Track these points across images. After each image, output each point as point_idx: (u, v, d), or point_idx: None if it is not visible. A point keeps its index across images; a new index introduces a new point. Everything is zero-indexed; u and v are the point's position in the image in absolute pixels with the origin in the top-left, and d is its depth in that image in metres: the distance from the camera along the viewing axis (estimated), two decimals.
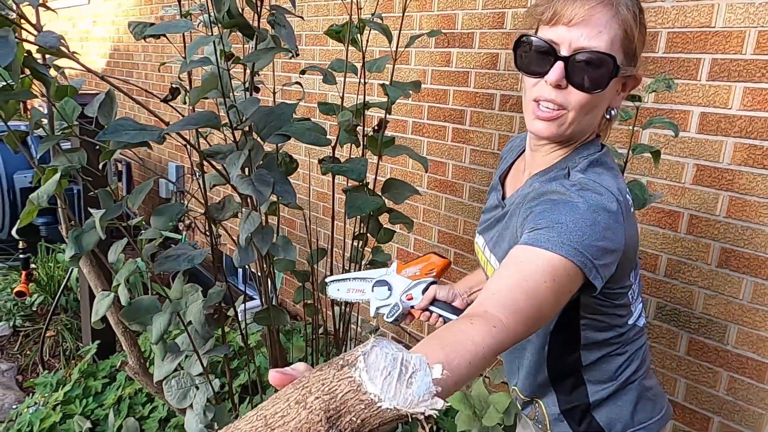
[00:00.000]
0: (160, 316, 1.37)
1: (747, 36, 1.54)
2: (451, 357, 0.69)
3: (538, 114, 0.93)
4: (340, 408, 0.48)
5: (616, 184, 0.92)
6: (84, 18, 6.32)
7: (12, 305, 3.40)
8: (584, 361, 1.03)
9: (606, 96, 0.92)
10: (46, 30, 1.17)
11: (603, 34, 0.87)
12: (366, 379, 0.48)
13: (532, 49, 0.92)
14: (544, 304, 0.81)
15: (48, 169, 1.25)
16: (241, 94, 1.57)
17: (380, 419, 0.48)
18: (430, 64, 2.42)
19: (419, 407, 0.48)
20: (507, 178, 1.15)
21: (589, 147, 0.98)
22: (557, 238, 0.83)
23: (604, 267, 0.86)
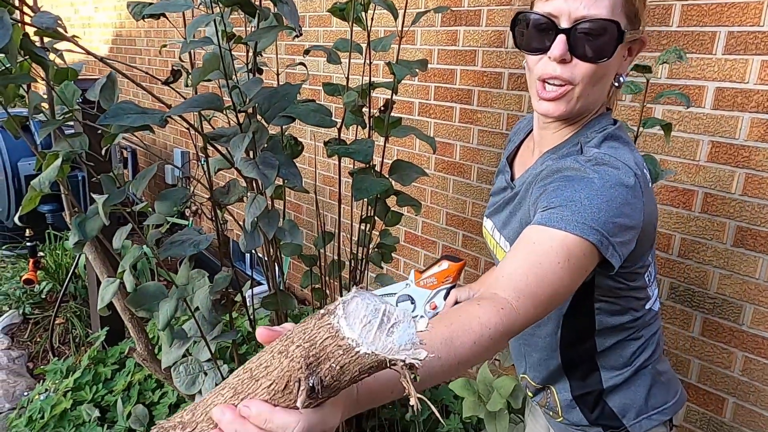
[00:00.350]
0: (167, 302, 1.35)
1: (765, 6, 1.49)
2: (455, 335, 0.69)
3: (543, 95, 0.90)
4: (319, 355, 0.48)
5: (633, 158, 0.88)
6: (86, 3, 6.27)
7: (21, 293, 3.41)
8: (599, 347, 1.01)
9: (613, 64, 0.89)
10: (42, 11, 1.14)
11: (602, 1, 0.84)
12: (344, 325, 0.48)
13: (530, 26, 0.88)
14: (558, 285, 0.79)
15: (49, 155, 1.23)
16: (244, 75, 1.54)
17: (359, 365, 0.48)
18: (437, 43, 2.37)
19: (399, 354, 0.48)
20: (515, 159, 1.12)
21: (601, 120, 0.95)
22: (571, 217, 0.81)
23: (622, 245, 0.83)
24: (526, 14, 0.89)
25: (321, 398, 0.51)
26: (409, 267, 2.70)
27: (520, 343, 1.13)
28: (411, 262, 2.68)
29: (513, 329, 0.75)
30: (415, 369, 0.48)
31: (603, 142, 0.91)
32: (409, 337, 0.49)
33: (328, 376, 0.48)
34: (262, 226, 1.36)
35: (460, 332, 0.70)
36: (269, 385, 0.51)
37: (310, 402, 0.51)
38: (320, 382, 0.48)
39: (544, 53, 0.88)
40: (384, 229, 1.83)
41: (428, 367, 0.67)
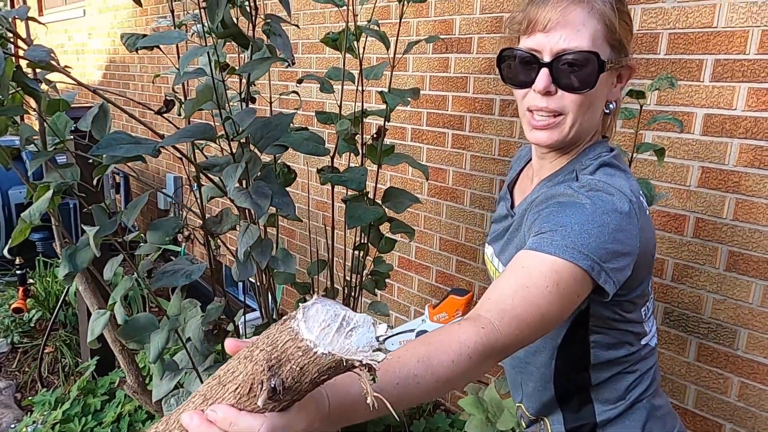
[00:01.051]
0: (158, 334, 1.33)
1: (750, 36, 1.52)
2: (433, 354, 0.70)
3: (534, 124, 0.91)
4: (281, 357, 0.50)
5: (628, 185, 0.89)
6: (80, 31, 6.31)
7: (10, 322, 3.36)
8: (593, 380, 1.00)
9: (600, 92, 0.90)
10: (36, 44, 1.15)
11: (582, 32, 0.86)
12: (303, 328, 0.50)
13: (515, 61, 0.91)
14: (546, 309, 0.78)
15: (40, 186, 1.22)
16: (237, 104, 1.54)
17: (317, 365, 0.50)
18: (429, 69, 2.40)
19: (357, 355, 0.50)
20: (516, 187, 1.13)
21: (596, 148, 0.96)
22: (561, 241, 0.81)
23: (616, 271, 0.83)
24: (510, 51, 0.91)
25: (284, 400, 0.52)
26: (403, 292, 2.69)
27: (516, 372, 1.12)
28: (405, 288, 2.67)
29: (494, 349, 0.74)
30: (373, 370, 0.51)
31: (598, 170, 0.91)
32: (368, 340, 0.51)
33: (289, 377, 0.50)
34: (255, 255, 1.36)
35: (439, 351, 0.70)
36: (235, 389, 0.53)
37: (274, 405, 0.52)
38: (282, 383, 0.50)
39: (530, 86, 0.90)
40: (378, 255, 1.82)
41: (404, 386, 0.68)
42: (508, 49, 0.92)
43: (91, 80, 5.96)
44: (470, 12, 2.20)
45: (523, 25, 0.90)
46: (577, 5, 0.86)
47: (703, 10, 1.60)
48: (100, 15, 5.63)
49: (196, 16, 1.39)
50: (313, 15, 2.95)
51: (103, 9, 5.52)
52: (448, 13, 2.28)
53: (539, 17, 0.87)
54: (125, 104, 4.42)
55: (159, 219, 1.39)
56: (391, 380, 0.67)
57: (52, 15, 7.21)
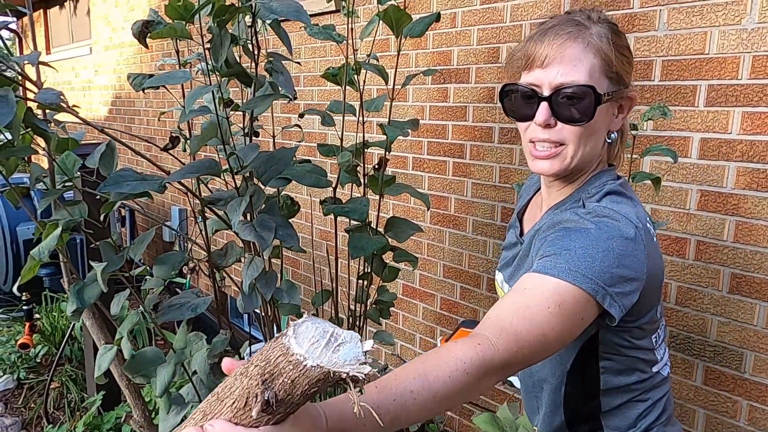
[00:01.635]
0: (164, 368, 1.34)
1: (742, 61, 1.55)
2: (430, 371, 0.71)
3: (536, 154, 0.95)
4: (273, 371, 0.54)
5: (634, 212, 0.90)
6: (86, 68, 6.45)
7: (16, 357, 3.36)
8: (604, 407, 1.00)
9: (600, 122, 0.93)
10: (46, 86, 1.18)
11: (578, 67, 0.89)
12: (294, 343, 0.54)
13: (516, 96, 0.95)
14: (546, 329, 0.79)
15: (49, 224, 1.25)
16: (241, 139, 1.58)
17: (307, 378, 0.53)
18: (428, 100, 2.44)
19: (344, 368, 0.54)
20: (525, 215, 1.15)
21: (602, 176, 0.98)
22: (564, 265, 0.82)
23: (622, 295, 0.84)
24: (512, 86, 0.96)
25: (278, 412, 0.55)
26: (408, 320, 2.69)
27: (530, 397, 1.12)
28: (410, 316, 2.67)
29: (491, 365, 0.75)
30: (360, 382, 0.54)
31: (604, 197, 0.94)
32: (355, 354, 0.55)
33: (281, 390, 0.54)
34: (259, 287, 1.37)
35: (435, 367, 0.72)
36: (232, 404, 0.56)
37: (269, 418, 0.55)
38: (275, 395, 0.53)
39: (531, 119, 0.93)
40: (381, 285, 1.83)
41: (401, 402, 0.69)
42: (509, 85, 0.96)
43: (97, 116, 6.07)
44: (468, 43, 2.25)
45: (522, 62, 0.94)
46: (572, 41, 0.90)
47: (695, 37, 1.64)
48: (106, 52, 5.76)
49: (200, 55, 1.43)
50: (314, 49, 3.02)
51: (109, 47, 5.65)
52: (446, 44, 2.34)
53: (537, 53, 0.91)
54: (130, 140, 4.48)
55: (165, 253, 1.41)
56: (388, 396, 0.69)
57: (59, 53, 7.38)
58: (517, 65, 0.96)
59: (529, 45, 0.93)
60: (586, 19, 0.93)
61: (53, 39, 7.78)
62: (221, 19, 1.16)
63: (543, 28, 0.94)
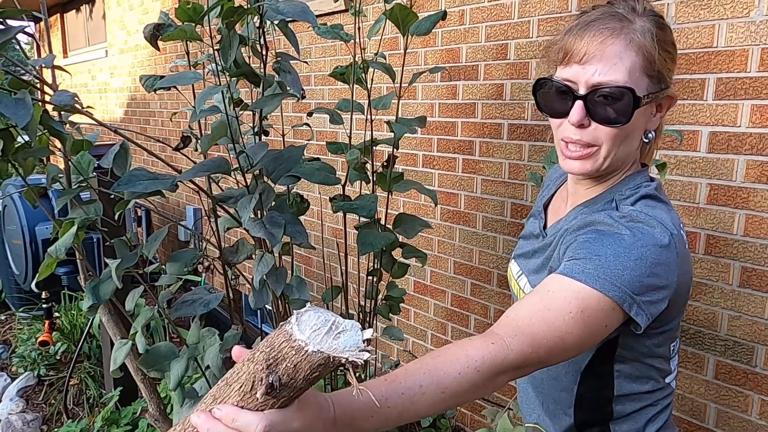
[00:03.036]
0: (178, 362, 1.37)
1: (750, 54, 1.55)
2: (440, 366, 0.72)
3: (567, 154, 0.91)
4: (277, 356, 0.57)
5: (669, 218, 0.87)
6: (102, 70, 6.54)
7: (36, 355, 3.43)
8: (616, 414, 0.98)
9: (637, 123, 0.89)
10: (62, 89, 1.22)
11: (618, 66, 0.84)
12: (296, 330, 0.57)
13: (551, 91, 0.90)
14: (565, 333, 0.78)
15: (65, 222, 1.29)
16: (251, 138, 1.60)
17: (309, 362, 0.57)
18: (437, 97, 2.45)
19: (344, 354, 0.57)
20: (549, 206, 1.11)
21: (636, 177, 0.94)
22: (593, 271, 0.80)
23: (650, 304, 0.82)
24: (546, 80, 0.91)
25: (282, 396, 0.59)
26: (419, 317, 2.70)
27: (536, 391, 1.09)
28: (421, 312, 2.69)
29: (503, 365, 0.74)
30: (359, 367, 0.58)
31: (639, 201, 0.90)
32: (355, 342, 0.58)
33: (285, 374, 0.57)
34: (270, 283, 1.40)
35: (446, 363, 0.72)
36: (239, 388, 0.60)
37: (273, 402, 0.59)
38: (279, 379, 0.57)
39: (565, 117, 0.89)
40: (391, 281, 1.85)
41: (410, 395, 0.70)
42: (544, 79, 0.91)
43: (113, 117, 6.16)
44: (476, 40, 2.26)
45: (560, 55, 0.89)
46: (615, 38, 0.85)
47: (703, 30, 1.63)
48: (121, 55, 5.84)
49: (210, 56, 1.46)
50: (324, 48, 3.05)
51: (124, 50, 5.73)
52: (454, 42, 2.35)
53: (576, 49, 0.86)
54: (145, 141, 4.55)
55: (178, 250, 1.44)
56: (397, 389, 0.70)
57: (76, 56, 7.50)
58: (554, 58, 0.91)
59: (569, 38, 0.88)
60: (630, 12, 0.87)
61: (70, 42, 7.91)
62: (230, 21, 1.19)
63: (584, 20, 0.88)
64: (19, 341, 3.66)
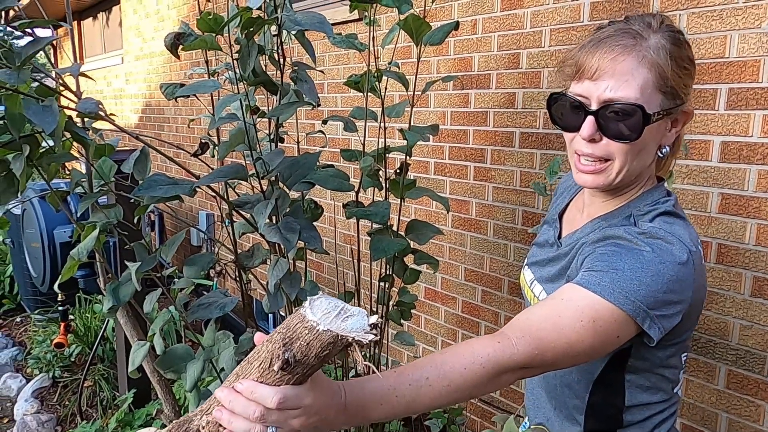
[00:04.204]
0: (194, 364, 1.40)
1: (762, 64, 1.56)
2: (447, 360, 0.76)
3: (580, 167, 0.92)
4: (292, 336, 0.65)
5: (687, 234, 0.88)
6: (118, 77, 6.64)
7: (52, 356, 3.48)
8: (625, 422, 0.98)
9: (650, 138, 0.89)
10: (85, 96, 1.26)
11: (630, 83, 0.85)
12: (309, 313, 0.65)
13: (564, 106, 0.92)
14: (575, 341, 0.80)
15: (87, 226, 1.32)
16: (267, 145, 1.64)
17: (319, 341, 0.64)
18: (449, 105, 2.48)
19: (351, 334, 0.64)
20: (564, 215, 1.11)
21: (653, 193, 0.95)
22: (609, 285, 0.81)
23: (664, 318, 0.83)
24: (559, 95, 0.93)
25: (296, 372, 0.66)
26: (430, 323, 2.72)
27: (548, 395, 1.09)
28: (432, 319, 2.70)
29: (508, 363, 0.77)
30: (364, 346, 0.65)
31: (657, 217, 0.90)
32: (361, 324, 0.65)
33: (299, 351, 0.64)
34: (284, 287, 1.42)
35: (453, 358, 0.76)
36: (259, 365, 0.68)
37: (289, 377, 0.66)
38: (293, 356, 0.64)
39: (577, 131, 0.90)
40: (402, 286, 1.87)
41: (416, 387, 0.74)
42: (557, 93, 0.93)
43: (128, 123, 6.24)
44: (488, 50, 2.28)
45: (573, 70, 0.90)
46: (627, 54, 0.85)
47: (715, 41, 1.65)
48: (136, 62, 5.93)
49: (228, 64, 1.49)
50: (338, 57, 3.09)
51: (140, 56, 5.82)
52: (466, 51, 2.37)
53: (588, 64, 0.87)
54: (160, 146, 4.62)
55: (194, 254, 1.47)
56: (405, 380, 0.74)
57: (92, 63, 7.62)
58: (567, 72, 0.92)
59: (582, 54, 0.89)
60: (646, 28, 0.88)
61: (87, 49, 8.03)
62: (249, 31, 1.22)
63: (598, 36, 0.89)
64: (34, 343, 3.72)
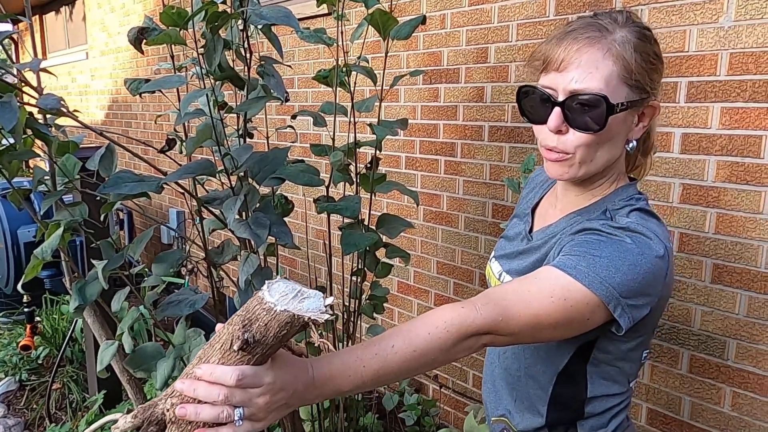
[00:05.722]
0: (164, 362, 1.39)
1: (720, 58, 1.60)
2: (412, 328, 0.79)
3: (547, 156, 0.94)
4: (251, 318, 0.68)
5: (662, 231, 0.91)
6: (83, 72, 6.48)
7: (18, 359, 3.40)
8: (586, 414, 1.01)
9: (617, 131, 0.91)
10: (46, 92, 1.23)
11: (594, 75, 0.87)
12: (267, 295, 0.68)
13: (532, 98, 0.94)
14: (542, 314, 0.82)
15: (51, 224, 1.30)
16: (236, 140, 1.62)
17: (277, 321, 0.67)
18: (419, 100, 2.49)
19: (307, 314, 0.68)
20: (536, 210, 1.12)
21: (628, 189, 0.97)
22: (585, 269, 0.83)
23: (635, 308, 0.85)
24: (528, 87, 0.95)
25: (255, 352, 0.68)
26: (403, 317, 2.74)
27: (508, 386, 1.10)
28: (405, 312, 2.72)
29: (471, 326, 0.79)
30: (320, 326, 0.69)
31: (633, 212, 0.92)
32: (317, 306, 0.69)
33: (257, 332, 0.67)
34: (255, 283, 1.42)
35: (417, 324, 0.79)
36: (220, 347, 0.70)
37: (249, 358, 0.69)
38: (252, 336, 0.67)
39: (544, 123, 0.92)
40: (374, 280, 1.88)
41: (383, 356, 0.76)
42: (526, 86, 0.95)
43: (94, 120, 6.11)
44: (457, 44, 2.30)
45: (540, 63, 0.92)
46: (592, 46, 0.87)
47: (675, 35, 1.69)
48: (102, 57, 5.80)
49: (194, 59, 1.48)
50: (307, 51, 3.07)
51: (105, 51, 5.69)
52: (436, 45, 2.39)
53: (554, 56, 0.89)
54: (128, 143, 4.53)
55: (164, 252, 1.46)
56: (371, 351, 0.76)
57: (55, 58, 7.42)
58: (535, 65, 0.94)
59: (549, 47, 0.91)
60: (612, 23, 0.89)
61: (49, 44, 7.82)
62: (214, 25, 1.21)
63: (565, 30, 0.91)
64: None
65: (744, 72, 1.56)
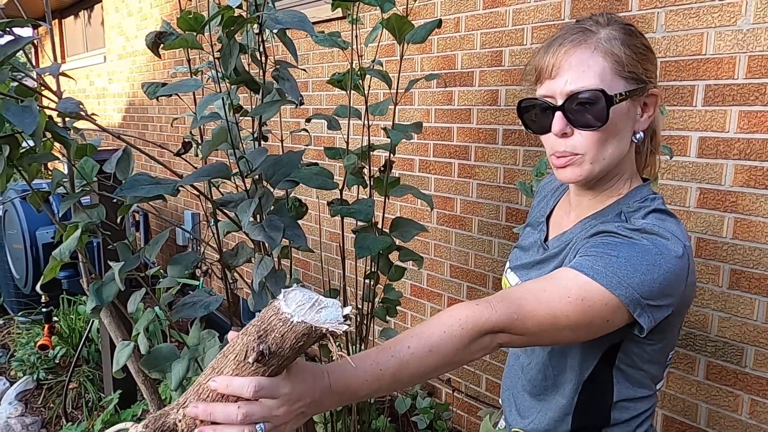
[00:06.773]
0: (179, 363, 1.40)
1: (738, 61, 1.59)
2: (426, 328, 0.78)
3: (556, 163, 0.94)
4: (267, 328, 0.65)
5: (680, 231, 0.90)
6: (101, 76, 6.57)
7: (35, 359, 3.45)
8: (612, 421, 0.99)
9: (621, 124, 0.91)
10: (65, 96, 1.25)
11: (587, 72, 0.88)
12: (283, 305, 0.65)
13: (533, 111, 0.95)
14: (559, 313, 0.81)
15: (69, 226, 1.31)
16: (251, 143, 1.64)
17: (294, 332, 0.64)
18: (433, 103, 2.49)
19: (325, 325, 0.65)
20: (550, 218, 1.12)
21: (642, 190, 0.97)
22: (602, 269, 0.83)
23: (656, 309, 0.84)
24: (527, 101, 0.96)
25: (271, 363, 0.66)
26: (416, 320, 2.73)
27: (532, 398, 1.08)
28: (418, 315, 2.72)
29: (486, 324, 0.78)
30: (338, 337, 0.66)
31: (650, 214, 0.92)
32: (335, 316, 0.66)
33: (273, 343, 0.64)
34: (269, 286, 1.43)
35: (432, 324, 0.78)
36: (234, 357, 0.68)
37: (264, 369, 0.66)
38: (268, 348, 0.64)
39: (550, 131, 0.92)
40: (387, 283, 1.88)
41: (399, 357, 0.75)
42: (525, 100, 0.96)
43: (111, 123, 6.19)
44: (471, 47, 2.30)
45: (533, 75, 0.94)
46: (577, 47, 0.89)
47: (692, 38, 1.67)
48: (119, 61, 5.88)
49: (210, 63, 1.49)
50: (322, 55, 3.08)
51: (123, 55, 5.76)
52: (450, 49, 2.38)
53: (544, 65, 0.91)
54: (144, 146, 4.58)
55: (179, 254, 1.47)
56: (387, 353, 0.75)
57: (74, 62, 7.53)
58: (530, 80, 0.96)
59: (537, 58, 0.93)
60: (594, 24, 0.91)
61: (68, 48, 7.94)
62: (230, 30, 1.22)
63: (550, 39, 0.93)
64: (18, 345, 3.67)
65: (763, 75, 1.54)
